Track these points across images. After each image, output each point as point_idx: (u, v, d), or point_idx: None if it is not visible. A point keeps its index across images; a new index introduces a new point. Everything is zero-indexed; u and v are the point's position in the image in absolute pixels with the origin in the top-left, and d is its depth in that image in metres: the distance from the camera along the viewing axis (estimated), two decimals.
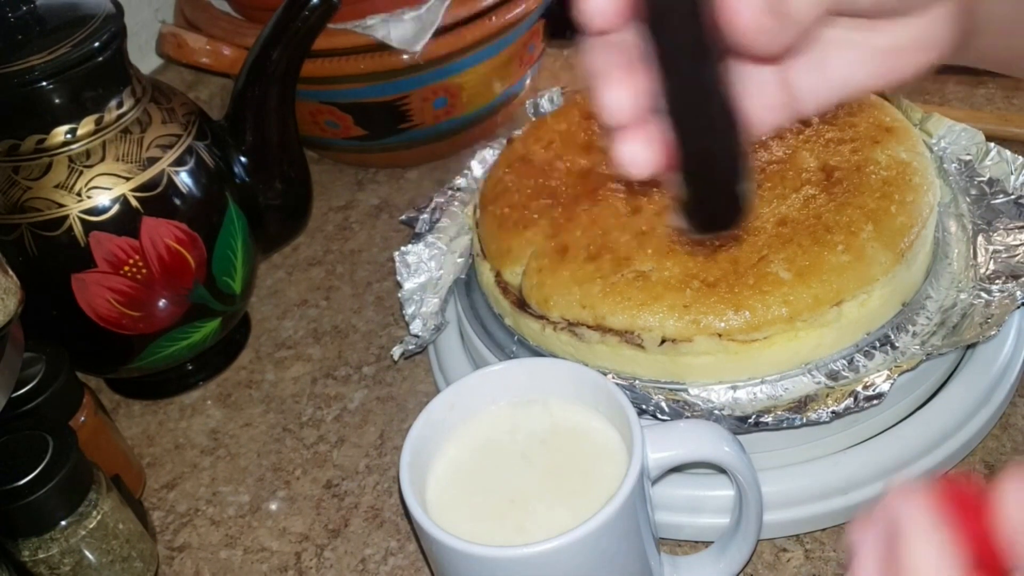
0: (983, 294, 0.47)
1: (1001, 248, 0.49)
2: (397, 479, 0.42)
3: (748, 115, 0.28)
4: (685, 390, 0.47)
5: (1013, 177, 0.52)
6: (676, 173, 0.29)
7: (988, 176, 0.53)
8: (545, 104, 0.67)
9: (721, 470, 0.43)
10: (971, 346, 0.49)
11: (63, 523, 0.45)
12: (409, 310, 0.56)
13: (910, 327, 0.47)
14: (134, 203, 0.53)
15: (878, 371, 0.44)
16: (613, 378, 0.46)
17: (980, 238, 0.51)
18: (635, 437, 0.38)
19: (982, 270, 0.49)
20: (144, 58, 0.78)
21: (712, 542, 0.45)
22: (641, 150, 0.28)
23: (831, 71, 0.30)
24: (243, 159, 0.60)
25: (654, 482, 0.41)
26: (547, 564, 0.36)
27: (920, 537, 0.24)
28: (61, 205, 0.52)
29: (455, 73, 0.70)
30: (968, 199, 0.53)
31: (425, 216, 0.61)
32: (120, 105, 0.54)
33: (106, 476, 0.49)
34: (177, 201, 0.55)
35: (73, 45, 0.51)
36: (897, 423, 0.48)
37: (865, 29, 0.30)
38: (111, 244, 0.53)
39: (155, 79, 0.60)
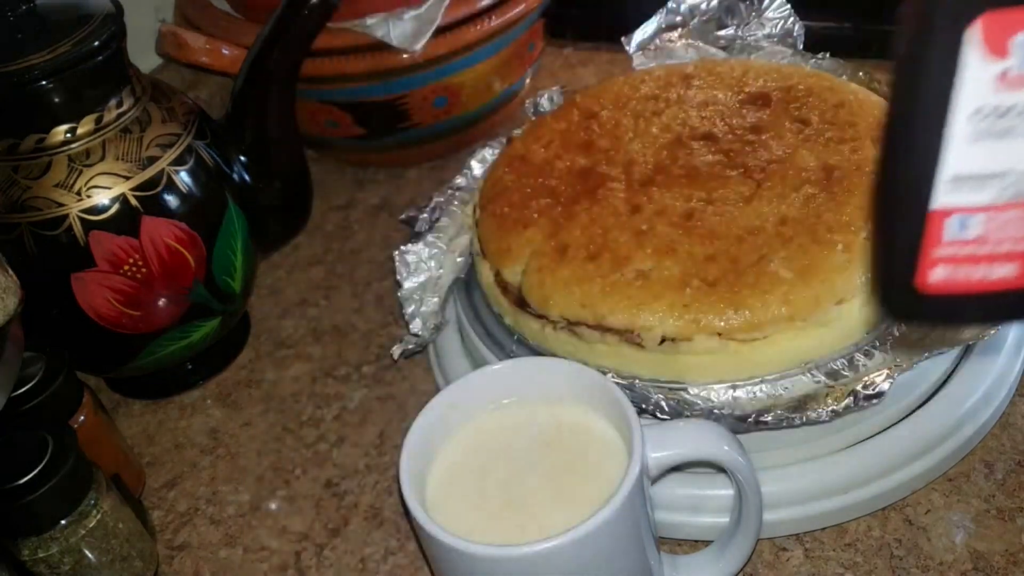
0: None
1: None
2: (397, 478, 0.42)
3: None
4: (685, 389, 0.47)
5: None
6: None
7: None
8: (545, 103, 0.67)
9: (721, 469, 0.43)
10: (971, 345, 0.49)
11: (63, 522, 0.45)
12: (409, 309, 0.56)
13: None
14: (134, 202, 0.53)
15: (878, 370, 0.44)
16: (613, 377, 0.46)
17: None
18: (635, 436, 0.38)
19: None
20: (144, 58, 0.78)
21: (712, 541, 0.45)
22: None
23: None
24: (243, 159, 0.60)
25: (654, 482, 0.41)
26: (547, 564, 0.36)
27: None
28: (61, 204, 0.52)
29: (455, 72, 0.70)
30: None
31: (425, 215, 0.61)
32: (120, 104, 0.54)
33: (106, 476, 0.49)
34: (177, 200, 0.55)
35: (73, 44, 0.51)
36: (897, 423, 0.48)
37: None
38: (111, 243, 0.53)
39: (155, 78, 0.59)
